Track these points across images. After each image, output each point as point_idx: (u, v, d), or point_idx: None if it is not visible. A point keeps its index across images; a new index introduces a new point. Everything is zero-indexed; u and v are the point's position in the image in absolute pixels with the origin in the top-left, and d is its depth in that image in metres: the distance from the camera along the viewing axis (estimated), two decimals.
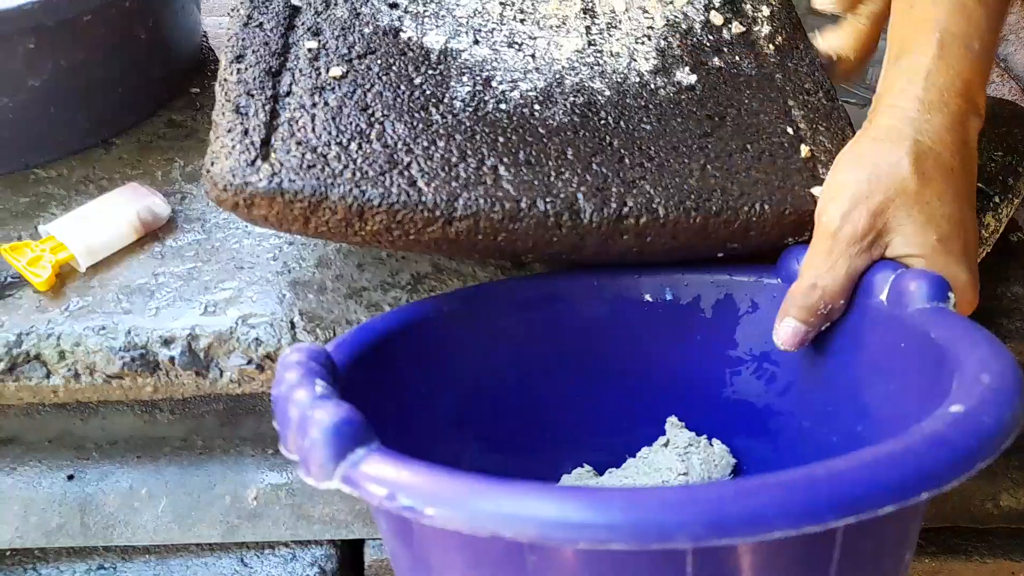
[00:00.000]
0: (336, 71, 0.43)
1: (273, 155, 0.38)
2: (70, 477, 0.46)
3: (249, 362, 0.43)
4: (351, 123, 0.40)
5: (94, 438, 0.47)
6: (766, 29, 0.50)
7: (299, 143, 0.39)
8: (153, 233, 0.48)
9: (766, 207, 0.39)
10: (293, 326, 0.43)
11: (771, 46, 0.49)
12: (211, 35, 0.65)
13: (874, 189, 0.36)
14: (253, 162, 0.37)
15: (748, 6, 0.52)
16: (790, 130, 0.44)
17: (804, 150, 0.43)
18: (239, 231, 0.48)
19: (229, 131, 0.39)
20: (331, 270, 0.47)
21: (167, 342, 0.42)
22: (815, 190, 0.40)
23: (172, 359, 0.42)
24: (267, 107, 0.40)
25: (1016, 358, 0.28)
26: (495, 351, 0.42)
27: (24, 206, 0.49)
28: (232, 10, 0.45)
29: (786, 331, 0.37)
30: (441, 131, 0.41)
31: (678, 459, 0.42)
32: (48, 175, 0.51)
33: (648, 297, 0.43)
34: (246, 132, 0.39)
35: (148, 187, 0.48)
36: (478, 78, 0.45)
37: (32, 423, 0.46)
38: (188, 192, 0.51)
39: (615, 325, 0.43)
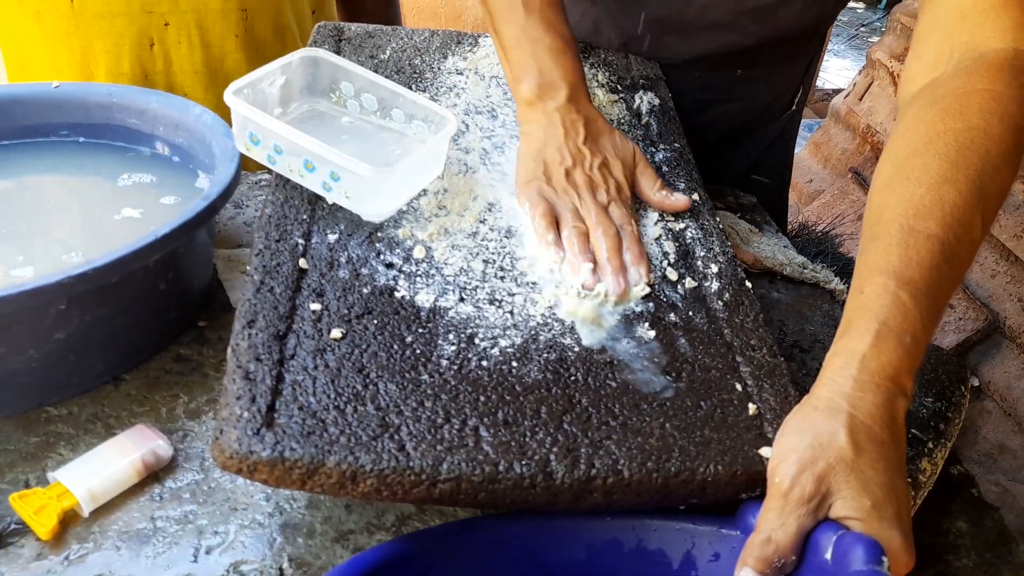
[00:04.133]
0: (336, 332, 0.48)
1: (277, 422, 0.42)
2: None
3: None
4: (348, 385, 0.45)
5: None
6: (715, 285, 0.58)
7: (301, 408, 0.43)
8: (154, 473, 0.51)
9: (719, 468, 0.44)
10: (282, 573, 0.46)
11: (720, 302, 0.56)
12: (220, 268, 0.71)
13: (817, 456, 0.40)
14: (258, 431, 0.41)
15: (699, 263, 0.60)
16: (739, 386, 0.49)
17: (752, 408, 0.48)
18: None
19: (238, 398, 0.43)
20: (320, 511, 0.49)
21: None
22: (763, 451, 0.45)
23: None
24: (274, 372, 0.45)
25: None
26: None
27: (34, 447, 0.52)
28: (246, 274, 0.52)
29: None
30: (428, 391, 0.46)
31: None
32: (59, 413, 0.54)
33: (619, 541, 0.46)
34: (253, 399, 0.43)
35: (153, 429, 0.52)
36: (463, 335, 0.50)
37: None
38: (190, 430, 0.54)
39: (591, 568, 0.46)
